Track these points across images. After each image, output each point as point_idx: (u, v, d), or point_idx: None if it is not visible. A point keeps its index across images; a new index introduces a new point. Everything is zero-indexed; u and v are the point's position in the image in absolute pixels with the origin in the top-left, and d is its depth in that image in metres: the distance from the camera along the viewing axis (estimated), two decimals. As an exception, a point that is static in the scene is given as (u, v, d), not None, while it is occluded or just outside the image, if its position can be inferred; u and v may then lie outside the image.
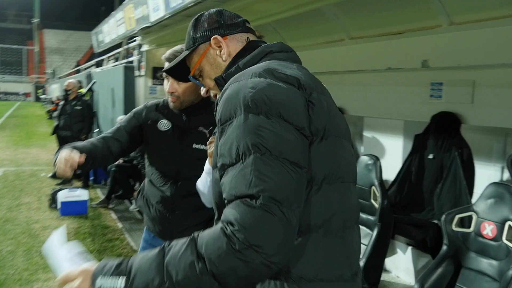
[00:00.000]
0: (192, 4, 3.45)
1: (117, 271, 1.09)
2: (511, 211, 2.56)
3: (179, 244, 1.06)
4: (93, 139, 2.25)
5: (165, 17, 4.26)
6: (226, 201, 1.05)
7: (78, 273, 1.14)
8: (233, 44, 1.33)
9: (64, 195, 6.30)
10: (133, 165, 6.58)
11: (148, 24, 4.93)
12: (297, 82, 1.11)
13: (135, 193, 6.08)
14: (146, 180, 2.37)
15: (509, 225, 2.54)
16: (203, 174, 1.81)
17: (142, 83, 7.91)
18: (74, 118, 7.77)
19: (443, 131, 3.61)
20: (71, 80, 8.23)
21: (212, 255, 0.99)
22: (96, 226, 5.78)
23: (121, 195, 6.96)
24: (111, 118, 9.09)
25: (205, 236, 1.03)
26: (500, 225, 2.58)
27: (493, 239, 2.61)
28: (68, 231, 5.55)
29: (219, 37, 1.32)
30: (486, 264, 2.61)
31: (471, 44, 3.13)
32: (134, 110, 2.37)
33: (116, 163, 6.65)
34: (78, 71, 20.74)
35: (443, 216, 2.84)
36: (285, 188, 1.00)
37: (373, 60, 3.92)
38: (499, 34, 2.95)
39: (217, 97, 1.37)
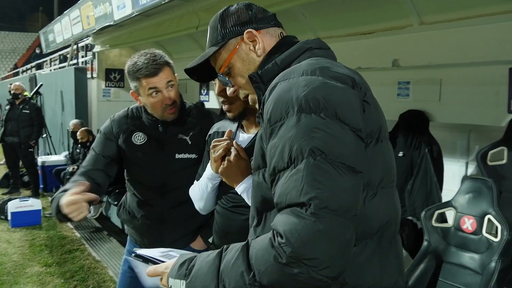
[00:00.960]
0: (167, 0, 3.31)
1: (178, 273, 1.08)
2: (489, 205, 2.63)
3: (233, 250, 1.00)
4: (75, 178, 2.01)
5: (133, 15, 4.09)
6: (277, 207, 0.98)
7: (162, 271, 1.15)
8: (266, 39, 1.25)
9: (15, 205, 5.99)
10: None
11: (111, 23, 4.74)
12: (352, 81, 1.05)
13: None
14: (128, 193, 2.24)
15: (488, 219, 2.61)
16: (203, 180, 1.73)
17: (95, 86, 7.63)
18: (21, 123, 7.37)
19: (412, 129, 3.68)
20: (18, 83, 7.80)
21: (261, 267, 0.93)
22: (53, 237, 5.51)
23: (76, 202, 6.67)
24: (61, 122, 8.71)
25: (257, 245, 0.97)
26: (480, 219, 2.65)
27: (473, 233, 2.67)
28: (22, 244, 5.27)
29: (253, 31, 1.24)
30: (468, 258, 2.67)
31: (440, 43, 3.20)
32: (102, 130, 2.17)
33: (71, 169, 6.38)
34: (16, 74, 19.80)
35: (423, 212, 2.89)
36: (340, 195, 0.92)
37: (343, 60, 3.88)
38: (466, 33, 3.03)
39: (249, 97, 1.29)
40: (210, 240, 2.03)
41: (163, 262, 1.19)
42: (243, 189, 1.52)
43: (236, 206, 1.63)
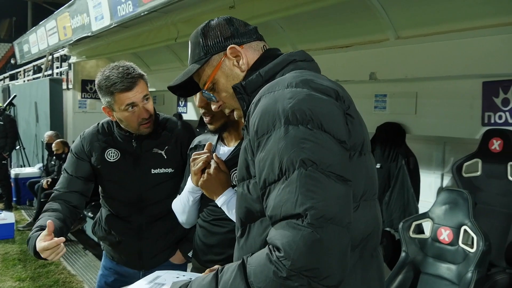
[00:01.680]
0: (146, 12, 3.30)
1: None
2: (465, 216, 2.68)
3: (229, 271, 0.98)
4: (50, 204, 1.98)
5: (112, 26, 4.06)
6: (271, 220, 0.97)
7: None
8: (249, 53, 1.26)
9: (-13, 219, 5.83)
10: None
11: (89, 34, 4.69)
12: (335, 94, 1.06)
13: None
14: (103, 210, 2.18)
15: (464, 230, 2.65)
16: (184, 193, 1.72)
17: (71, 97, 7.53)
18: (-5, 134, 7.23)
19: (389, 141, 3.73)
20: (-9, 94, 7.66)
21: (261, 284, 0.93)
22: (26, 251, 5.37)
23: (50, 215, 6.54)
24: (35, 134, 8.56)
25: (253, 262, 0.96)
26: (456, 230, 2.69)
27: (449, 244, 2.71)
28: (-6, 258, 5.11)
29: (236, 46, 1.24)
30: (445, 269, 2.70)
31: (416, 57, 3.26)
32: (73, 149, 2.10)
33: (45, 182, 6.27)
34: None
35: (401, 224, 2.92)
36: (334, 204, 0.92)
37: (321, 72, 3.97)
38: (441, 48, 3.10)
39: (232, 112, 1.29)
40: (190, 254, 2.00)
41: None
42: (223, 201, 1.52)
43: (217, 219, 1.62)
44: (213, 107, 1.33)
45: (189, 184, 1.68)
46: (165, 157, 2.04)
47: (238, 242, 1.15)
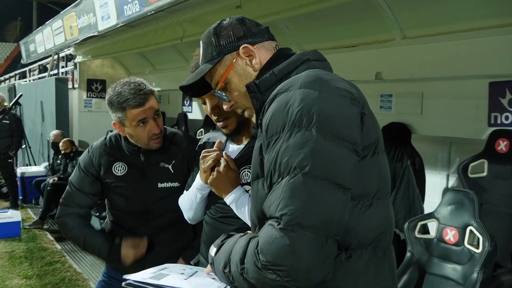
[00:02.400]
0: (153, 12, 3.32)
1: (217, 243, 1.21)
2: (471, 216, 2.67)
3: (244, 238, 1.09)
4: (80, 225, 2.10)
5: (118, 26, 4.08)
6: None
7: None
8: (262, 53, 1.26)
9: (-6, 217, 5.86)
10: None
11: (95, 33, 4.71)
12: (350, 95, 1.07)
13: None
14: (109, 221, 2.21)
15: (470, 230, 2.65)
16: (192, 190, 1.73)
17: (76, 96, 7.56)
18: (1, 133, 7.26)
19: (394, 141, 3.72)
20: (-2, 93, 7.70)
21: (247, 264, 1.02)
22: (32, 249, 5.40)
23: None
24: (41, 133, 8.60)
25: (251, 243, 1.04)
26: (462, 230, 2.69)
27: (455, 244, 2.71)
28: (1, 256, 5.16)
29: (249, 46, 1.24)
30: (450, 269, 2.70)
31: (422, 57, 3.26)
32: (81, 164, 2.11)
33: (51, 181, 6.29)
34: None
35: (406, 224, 2.92)
36: (315, 212, 0.95)
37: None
38: (448, 48, 3.10)
39: (245, 112, 1.30)
40: (192, 262, 2.02)
41: (156, 285, 1.21)
42: (232, 199, 1.52)
43: (224, 216, 1.63)
44: (224, 107, 1.34)
45: (198, 181, 1.68)
46: (172, 172, 2.05)
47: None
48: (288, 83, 1.10)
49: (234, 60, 1.26)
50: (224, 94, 1.29)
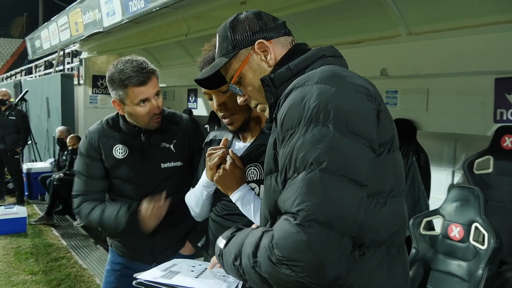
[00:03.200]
0: (158, 8, 3.31)
1: (226, 235, 1.21)
2: (476, 213, 2.67)
3: (257, 231, 1.07)
4: (97, 205, 2.05)
5: (123, 22, 4.08)
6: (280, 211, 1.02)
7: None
8: (278, 48, 1.25)
9: (0, 213, 5.90)
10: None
11: (101, 29, 4.72)
12: (366, 91, 1.06)
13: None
14: None
15: (475, 227, 2.65)
16: (198, 187, 1.73)
17: (82, 92, 7.59)
18: (7, 130, 7.29)
19: (400, 137, 3.67)
20: (4, 89, 7.72)
21: (260, 258, 1.01)
22: (38, 245, 5.44)
23: (62, 210, 6.61)
24: (46, 129, 8.64)
25: (264, 238, 1.03)
26: (467, 227, 2.69)
27: (460, 241, 2.71)
28: (7, 252, 5.19)
29: (265, 42, 1.24)
30: (455, 266, 2.70)
31: (428, 53, 3.25)
32: (82, 151, 2.08)
33: (57, 176, 6.32)
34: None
35: (411, 220, 2.92)
36: (331, 208, 0.94)
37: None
38: (453, 44, 3.08)
39: (261, 107, 1.30)
40: (199, 244, 2.03)
41: (167, 285, 1.21)
42: (238, 197, 1.53)
43: (230, 214, 1.63)
44: (239, 100, 1.34)
45: (204, 178, 1.69)
46: (174, 151, 2.04)
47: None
48: (304, 78, 1.09)
49: (249, 55, 1.26)
50: (238, 88, 1.30)
